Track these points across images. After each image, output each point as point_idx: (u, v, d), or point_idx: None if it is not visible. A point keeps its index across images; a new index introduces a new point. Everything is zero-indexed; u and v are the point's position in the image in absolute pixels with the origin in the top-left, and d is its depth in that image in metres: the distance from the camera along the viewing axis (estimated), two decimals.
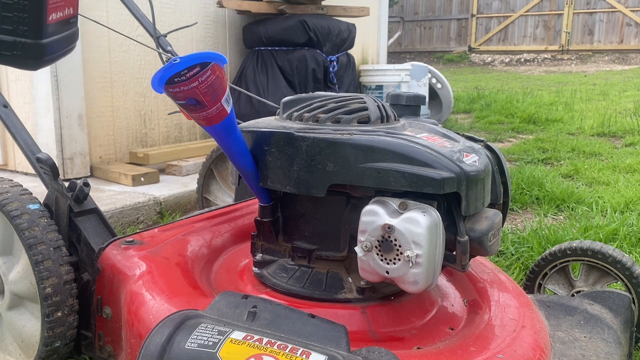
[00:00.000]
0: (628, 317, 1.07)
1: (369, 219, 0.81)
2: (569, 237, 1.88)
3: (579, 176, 2.93)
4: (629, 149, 3.62)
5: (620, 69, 10.10)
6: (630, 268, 1.15)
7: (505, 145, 3.93)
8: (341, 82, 3.55)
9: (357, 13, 3.90)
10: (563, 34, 12.23)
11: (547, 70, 10.82)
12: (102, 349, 1.05)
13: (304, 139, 0.84)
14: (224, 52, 3.36)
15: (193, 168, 2.75)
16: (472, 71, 11.09)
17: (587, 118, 4.78)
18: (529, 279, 1.30)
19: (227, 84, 0.83)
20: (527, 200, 2.45)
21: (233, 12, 3.36)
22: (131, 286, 0.96)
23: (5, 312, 1.12)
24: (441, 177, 0.78)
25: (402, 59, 10.99)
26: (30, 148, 1.17)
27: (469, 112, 5.51)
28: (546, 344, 0.90)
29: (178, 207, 2.37)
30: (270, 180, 0.90)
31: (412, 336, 0.90)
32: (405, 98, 1.16)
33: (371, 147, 0.81)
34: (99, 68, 2.60)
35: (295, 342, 0.65)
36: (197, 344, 0.63)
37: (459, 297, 1.04)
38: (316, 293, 0.92)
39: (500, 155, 1.01)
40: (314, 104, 0.93)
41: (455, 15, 13.58)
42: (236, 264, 1.11)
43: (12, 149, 2.66)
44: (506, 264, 1.77)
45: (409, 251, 0.77)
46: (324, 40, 3.36)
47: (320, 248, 0.94)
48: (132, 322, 0.92)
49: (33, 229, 1.02)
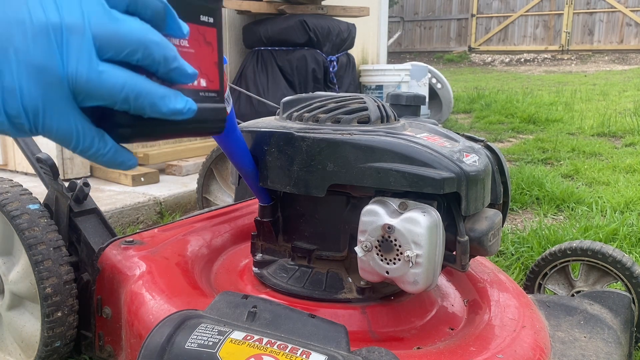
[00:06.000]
0: (628, 317, 1.07)
1: (369, 219, 0.81)
2: (569, 237, 1.88)
3: (579, 176, 2.93)
4: (629, 149, 3.62)
5: (620, 69, 10.10)
6: (630, 268, 1.15)
7: (505, 145, 3.93)
8: (341, 82, 3.55)
9: (357, 13, 3.90)
10: (563, 34, 12.23)
11: (547, 70, 10.83)
12: (102, 349, 1.05)
13: (304, 139, 0.84)
14: (224, 52, 3.36)
15: (193, 168, 2.75)
16: (472, 71, 11.09)
17: (587, 118, 4.78)
18: (529, 279, 1.30)
19: (227, 84, 0.83)
20: (527, 200, 2.45)
21: (233, 12, 3.36)
22: (131, 286, 0.96)
23: (5, 312, 1.12)
24: (441, 177, 0.78)
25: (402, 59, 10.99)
26: (30, 148, 1.17)
27: (469, 112, 5.51)
28: (546, 344, 0.90)
29: (178, 207, 2.37)
30: (270, 180, 0.90)
31: (412, 336, 0.90)
32: (405, 98, 1.16)
33: (371, 147, 0.81)
34: None
35: (295, 342, 0.65)
36: (197, 344, 0.63)
37: (459, 297, 1.04)
38: (316, 293, 0.92)
39: (500, 155, 1.01)
40: (314, 104, 0.93)
41: (455, 15, 13.59)
42: (236, 264, 1.11)
43: (12, 149, 2.66)
44: (506, 264, 1.77)
45: (409, 251, 0.77)
46: (324, 40, 3.36)
47: (320, 248, 0.94)
48: (132, 322, 0.92)
49: (33, 229, 1.02)
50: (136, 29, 0.40)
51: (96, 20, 0.38)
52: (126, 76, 0.40)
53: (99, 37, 0.38)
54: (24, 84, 0.37)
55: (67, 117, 0.39)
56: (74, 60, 0.37)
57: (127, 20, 0.39)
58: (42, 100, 0.37)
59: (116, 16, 0.39)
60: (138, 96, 0.40)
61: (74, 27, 0.37)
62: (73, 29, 0.37)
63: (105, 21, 0.38)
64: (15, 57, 0.36)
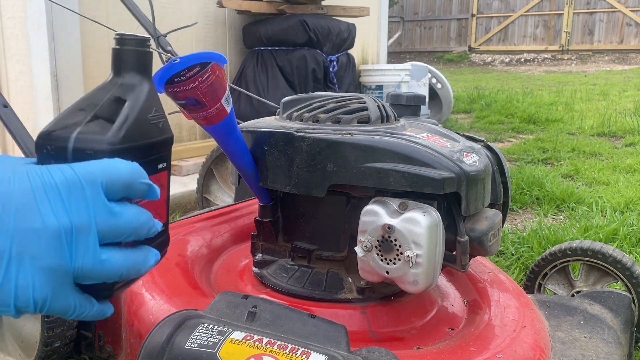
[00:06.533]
0: (628, 317, 1.07)
1: (369, 219, 0.81)
2: (569, 237, 1.88)
3: (579, 176, 2.93)
4: (629, 149, 3.62)
5: (621, 69, 10.10)
6: (631, 268, 1.15)
7: (505, 145, 3.93)
8: (341, 82, 3.55)
9: (357, 13, 3.90)
10: (563, 34, 12.23)
11: (547, 70, 10.82)
12: (102, 349, 1.05)
13: (304, 139, 0.84)
14: (224, 52, 3.36)
15: (193, 168, 2.75)
16: (472, 71, 11.09)
17: (587, 118, 4.78)
18: (529, 279, 1.30)
19: (227, 84, 0.83)
20: (527, 200, 2.45)
21: (233, 12, 3.36)
22: (131, 286, 0.96)
23: None
24: (441, 177, 0.78)
25: (402, 59, 10.98)
26: (30, 148, 1.17)
27: (469, 112, 5.51)
28: (546, 344, 0.90)
29: (178, 207, 2.37)
30: (270, 180, 0.90)
31: (412, 336, 0.90)
32: (405, 98, 1.16)
33: (371, 147, 0.81)
34: (99, 68, 2.60)
35: (295, 342, 0.65)
36: (197, 344, 0.63)
37: (459, 297, 1.04)
38: (316, 293, 0.92)
39: (500, 155, 1.01)
40: (314, 104, 0.93)
41: (455, 15, 13.58)
42: (236, 264, 1.11)
43: (12, 149, 2.66)
44: (506, 264, 1.77)
45: (409, 251, 0.77)
46: (324, 40, 3.36)
47: (320, 248, 0.94)
48: (132, 322, 0.92)
49: None
50: (130, 216, 0.45)
51: (100, 218, 0.43)
52: (121, 258, 0.45)
53: (102, 231, 0.43)
54: (37, 283, 0.41)
55: (68, 298, 0.44)
56: (81, 255, 0.43)
57: (123, 211, 0.45)
58: (51, 292, 0.42)
59: (115, 210, 0.44)
60: (129, 271, 0.46)
61: (82, 227, 0.42)
62: (81, 229, 0.42)
63: (107, 217, 0.44)
64: (30, 262, 0.41)
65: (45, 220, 0.41)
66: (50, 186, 0.42)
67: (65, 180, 0.42)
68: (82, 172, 0.43)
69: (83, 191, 0.43)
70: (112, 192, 0.44)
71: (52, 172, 0.43)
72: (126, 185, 0.45)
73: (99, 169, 0.44)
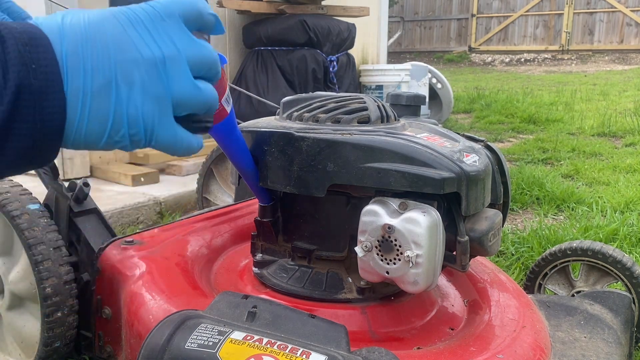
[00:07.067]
0: (628, 317, 1.07)
1: (369, 219, 0.81)
2: (569, 237, 1.88)
3: (579, 176, 2.93)
4: (629, 149, 3.62)
5: (621, 69, 10.10)
6: (631, 268, 1.15)
7: (505, 145, 3.93)
8: (341, 82, 3.55)
9: (357, 13, 3.90)
10: (563, 34, 12.23)
11: (547, 70, 10.83)
12: (102, 349, 1.05)
13: (304, 139, 0.84)
14: (224, 52, 3.36)
15: (193, 168, 2.75)
16: (472, 71, 11.09)
17: (587, 118, 4.78)
18: (529, 279, 1.30)
19: (227, 84, 0.82)
20: (527, 200, 2.45)
21: (233, 12, 3.36)
22: (131, 286, 0.96)
23: (5, 312, 1.12)
24: (441, 177, 0.78)
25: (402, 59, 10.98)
26: None
27: (469, 112, 5.51)
28: (546, 344, 0.90)
29: (178, 207, 2.37)
30: (270, 180, 0.90)
31: (412, 336, 0.90)
32: (405, 98, 1.16)
33: (371, 147, 0.81)
34: None
35: (295, 342, 0.65)
36: (197, 344, 0.63)
37: (459, 297, 1.04)
38: (316, 293, 0.92)
39: (500, 155, 1.01)
40: (314, 104, 0.93)
41: (455, 15, 13.59)
42: (236, 264, 1.11)
43: None
44: (506, 264, 1.77)
45: (409, 251, 0.77)
46: (324, 40, 3.36)
47: (320, 248, 0.94)
48: (132, 322, 0.92)
49: (33, 229, 1.02)
50: (209, 50, 0.50)
51: (187, 48, 0.48)
52: (210, 88, 0.50)
53: (190, 62, 0.48)
54: (146, 108, 0.46)
55: (172, 126, 0.48)
56: (178, 82, 0.47)
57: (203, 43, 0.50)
58: (158, 118, 0.47)
59: (198, 43, 0.49)
60: (214, 103, 0.51)
61: (173, 57, 0.47)
62: (173, 59, 0.47)
63: (192, 47, 0.48)
64: (139, 90, 0.45)
65: (141, 51, 0.45)
66: (137, 22, 0.46)
67: (148, 16, 0.47)
68: (160, 8, 0.48)
69: (165, 23, 0.47)
70: (189, 22, 0.49)
71: (134, 10, 0.47)
72: (198, 15, 0.50)
73: (173, 3, 0.49)
